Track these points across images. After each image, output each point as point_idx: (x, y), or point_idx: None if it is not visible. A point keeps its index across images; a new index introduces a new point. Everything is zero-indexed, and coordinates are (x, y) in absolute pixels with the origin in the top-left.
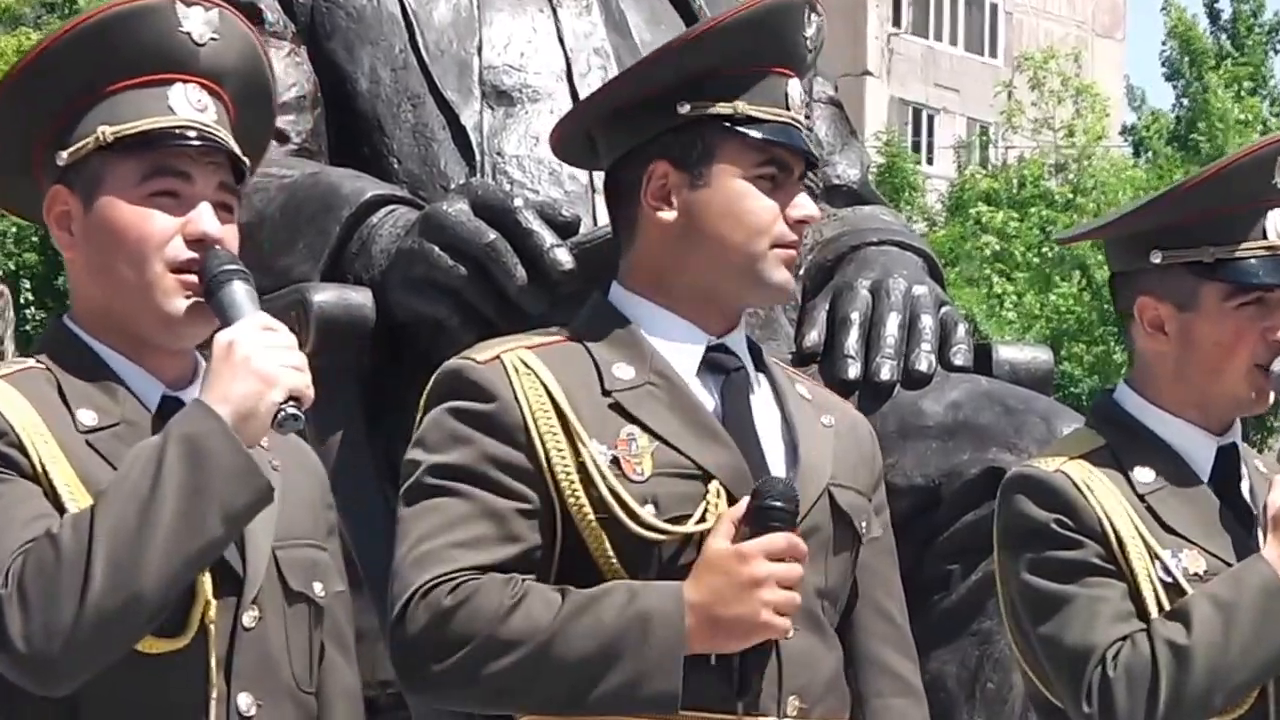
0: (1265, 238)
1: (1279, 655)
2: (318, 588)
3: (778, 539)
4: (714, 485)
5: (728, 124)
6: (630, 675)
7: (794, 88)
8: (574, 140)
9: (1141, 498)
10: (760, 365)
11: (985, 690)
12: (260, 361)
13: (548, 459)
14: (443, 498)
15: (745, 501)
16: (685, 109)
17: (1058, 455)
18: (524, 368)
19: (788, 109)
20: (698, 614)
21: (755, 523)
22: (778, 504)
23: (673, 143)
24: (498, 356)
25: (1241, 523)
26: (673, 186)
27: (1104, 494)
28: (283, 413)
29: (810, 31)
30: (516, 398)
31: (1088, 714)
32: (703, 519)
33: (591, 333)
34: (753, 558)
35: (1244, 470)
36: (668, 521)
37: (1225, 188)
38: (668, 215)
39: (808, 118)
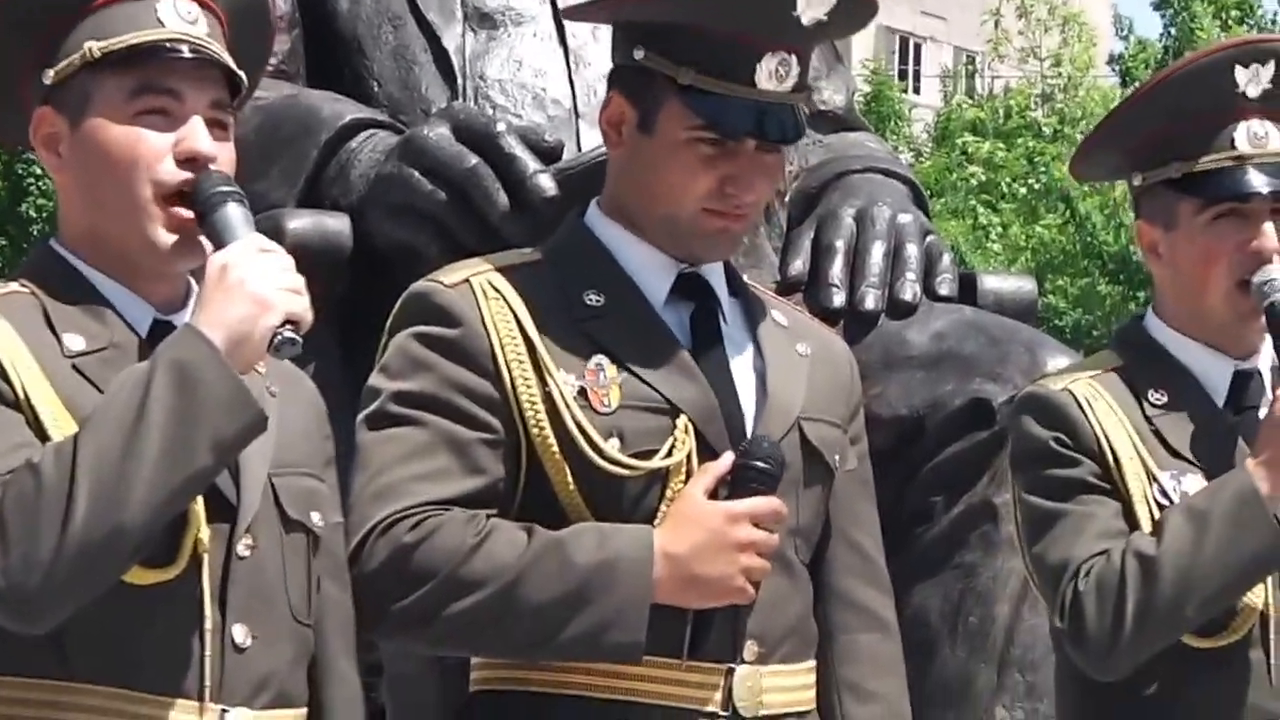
0: (1233, 148)
1: (1252, 564)
2: (315, 517)
3: (765, 504)
4: (682, 420)
5: (676, 84)
6: (594, 622)
7: (768, 63)
8: None
9: (1149, 419)
10: (736, 292)
11: (968, 624)
12: (256, 284)
13: (513, 387)
14: (404, 427)
15: (728, 457)
16: (639, 54)
17: (1071, 374)
18: (493, 291)
19: (752, 84)
20: (672, 566)
21: (736, 482)
22: (763, 466)
23: (630, 79)
24: (466, 280)
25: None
26: (624, 121)
27: (1105, 413)
28: (279, 337)
29: (807, 12)
30: (484, 323)
31: (1061, 628)
32: (669, 454)
33: (564, 256)
34: (741, 520)
35: (1269, 395)
36: (633, 456)
37: (1181, 98)
38: (616, 148)
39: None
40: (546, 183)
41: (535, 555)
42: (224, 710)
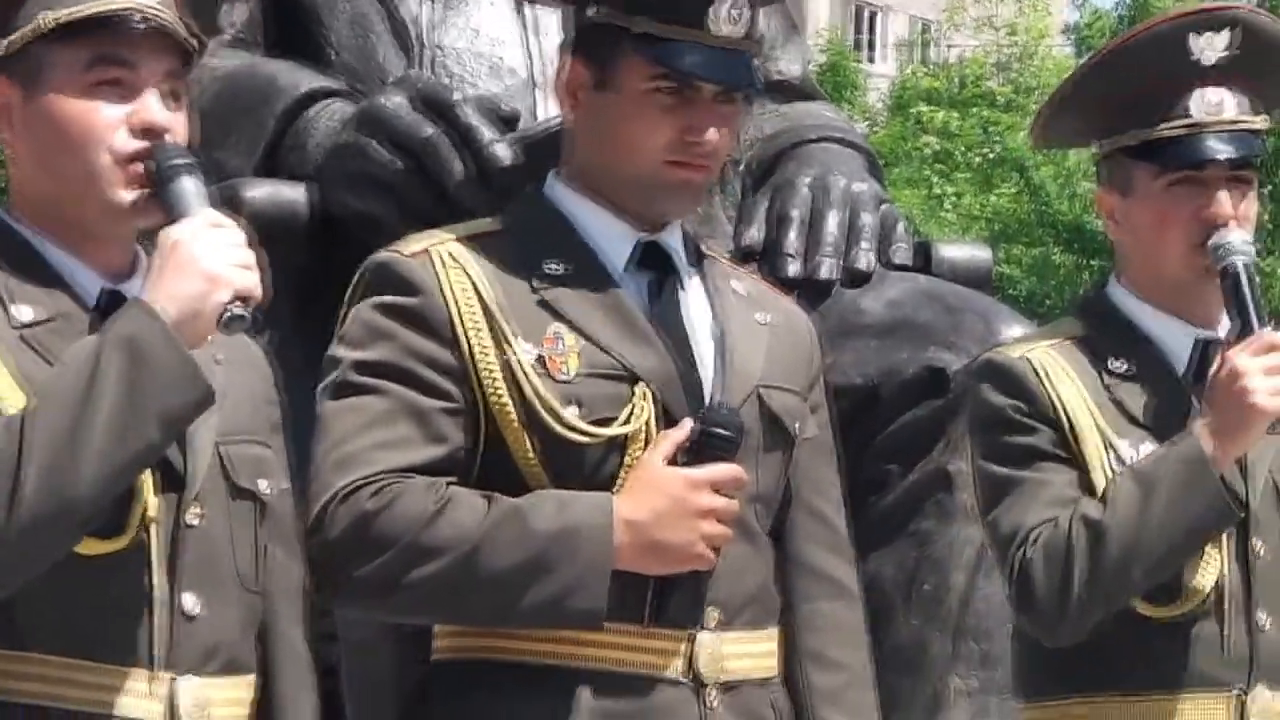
0: (1189, 116)
1: (1199, 527)
2: (263, 484)
3: (725, 470)
4: (641, 387)
5: (630, 35)
6: (556, 589)
7: (720, 7)
8: None
9: (1108, 387)
10: (696, 261)
11: (922, 591)
12: (207, 261)
13: (472, 356)
14: (365, 396)
15: (688, 424)
16: (592, 11)
17: (1029, 342)
18: (452, 261)
19: (705, 28)
20: (633, 532)
21: (696, 449)
22: (722, 432)
23: (586, 40)
24: (426, 249)
25: None
26: (581, 85)
27: (1062, 381)
28: (229, 313)
29: None
30: (443, 292)
31: (1010, 595)
32: (628, 421)
33: (524, 225)
34: (701, 487)
35: None
36: (592, 423)
37: (1136, 65)
38: (574, 112)
39: (750, 37)
40: (504, 151)
41: (495, 522)
42: (174, 678)
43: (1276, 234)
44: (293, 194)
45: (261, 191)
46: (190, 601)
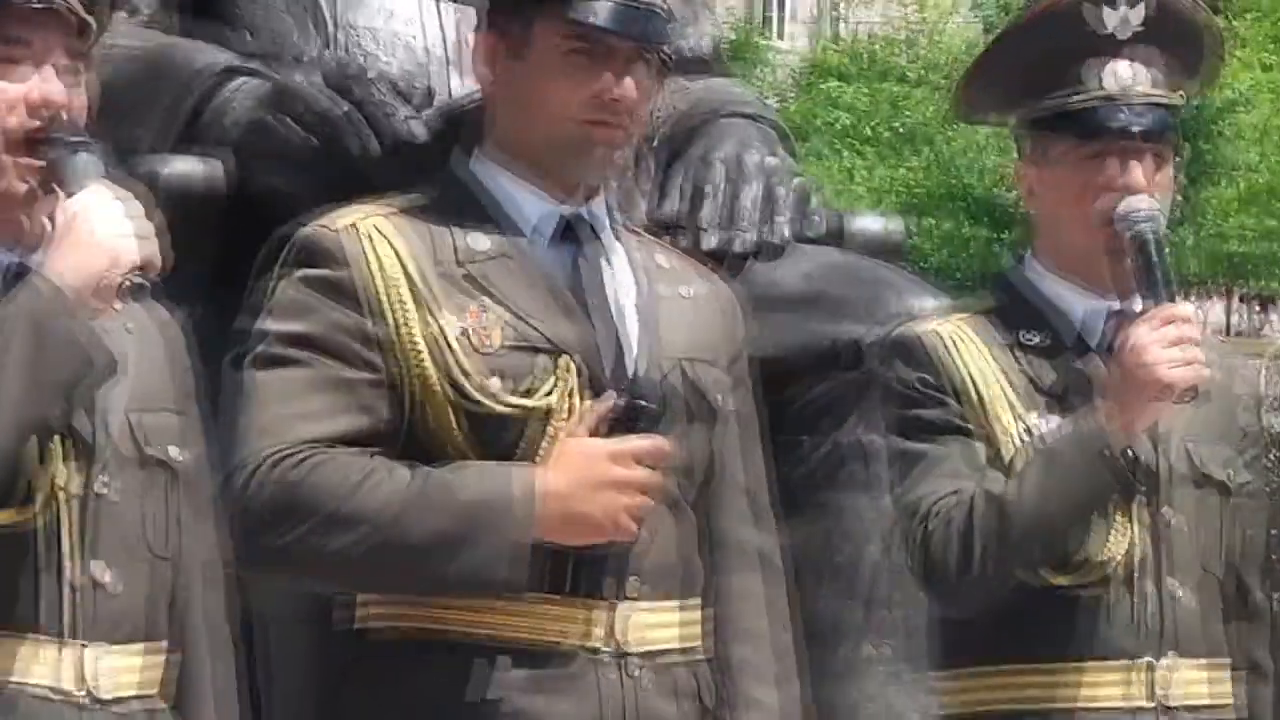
0: (1102, 87)
1: (1099, 499)
2: (174, 452)
3: (647, 442)
4: (564, 359)
5: (539, 1)
6: (476, 560)
7: None
8: None
9: (1019, 360)
10: (620, 235)
11: (836, 562)
12: (105, 231)
13: (396, 328)
14: (289, 367)
15: (611, 396)
16: None
17: (942, 316)
18: (378, 235)
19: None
20: (553, 503)
21: (619, 420)
22: (645, 404)
23: (497, 12)
24: (352, 223)
25: None
26: (496, 57)
27: (972, 355)
28: (129, 282)
29: None
30: (368, 265)
31: (912, 568)
32: (551, 392)
33: (449, 200)
34: (622, 458)
35: None
36: (516, 395)
37: (1049, 36)
38: (491, 85)
39: None
40: (417, 128)
41: (418, 491)
42: (84, 646)
43: (1186, 205)
44: (208, 170)
45: (177, 168)
46: (100, 570)
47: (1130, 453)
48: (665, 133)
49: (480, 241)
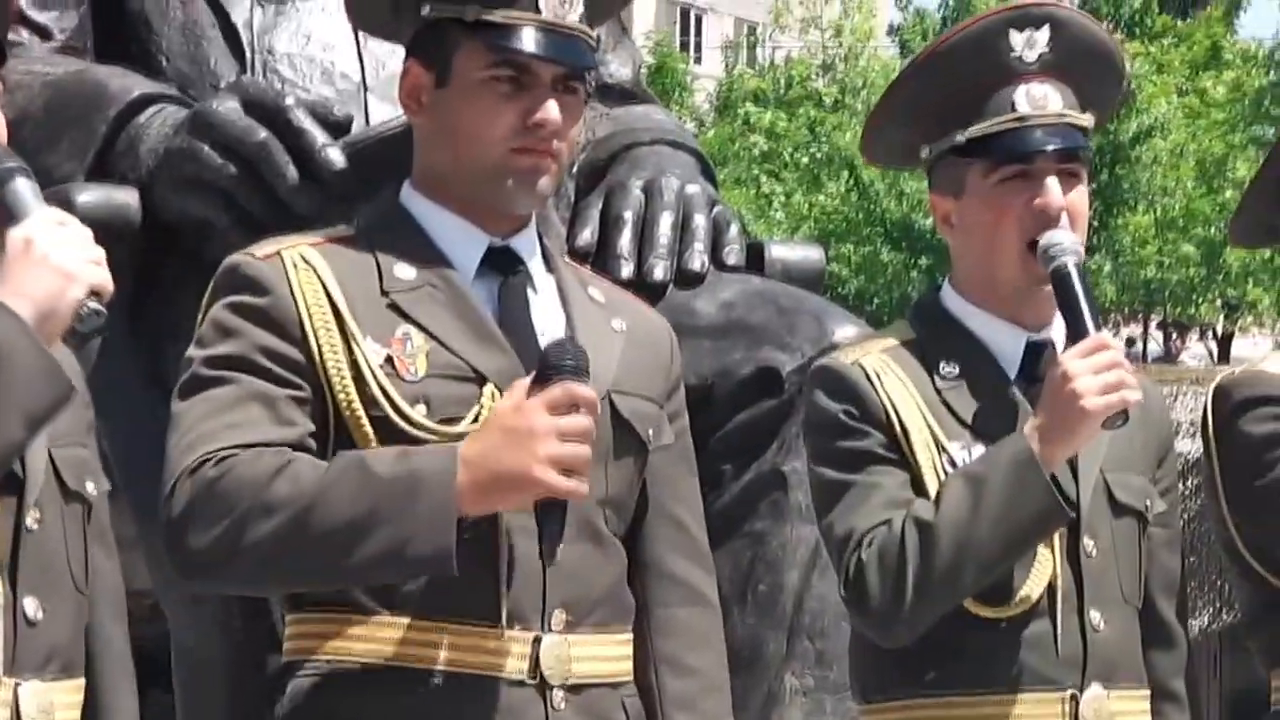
0: (1014, 110)
1: (1029, 528)
2: (90, 486)
3: (555, 390)
4: (489, 389)
5: (465, 26)
6: (397, 536)
7: None
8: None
9: (939, 391)
10: (552, 268)
11: (757, 591)
12: (59, 257)
13: (320, 355)
14: (214, 388)
15: (528, 378)
16: (426, 10)
17: (862, 346)
18: (303, 264)
19: (537, 11)
20: (470, 470)
21: (540, 383)
22: (565, 361)
23: (422, 42)
24: (278, 252)
25: None
26: (422, 87)
27: (894, 385)
28: (85, 308)
29: None
30: (292, 292)
31: (845, 598)
32: (475, 420)
33: (376, 231)
34: (530, 410)
35: None
36: (439, 422)
37: (960, 64)
38: (418, 116)
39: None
40: (335, 155)
41: (335, 475)
42: (18, 683)
43: (1102, 232)
44: (124, 198)
45: (92, 196)
46: (31, 606)
47: (1055, 482)
48: (585, 159)
49: (406, 271)
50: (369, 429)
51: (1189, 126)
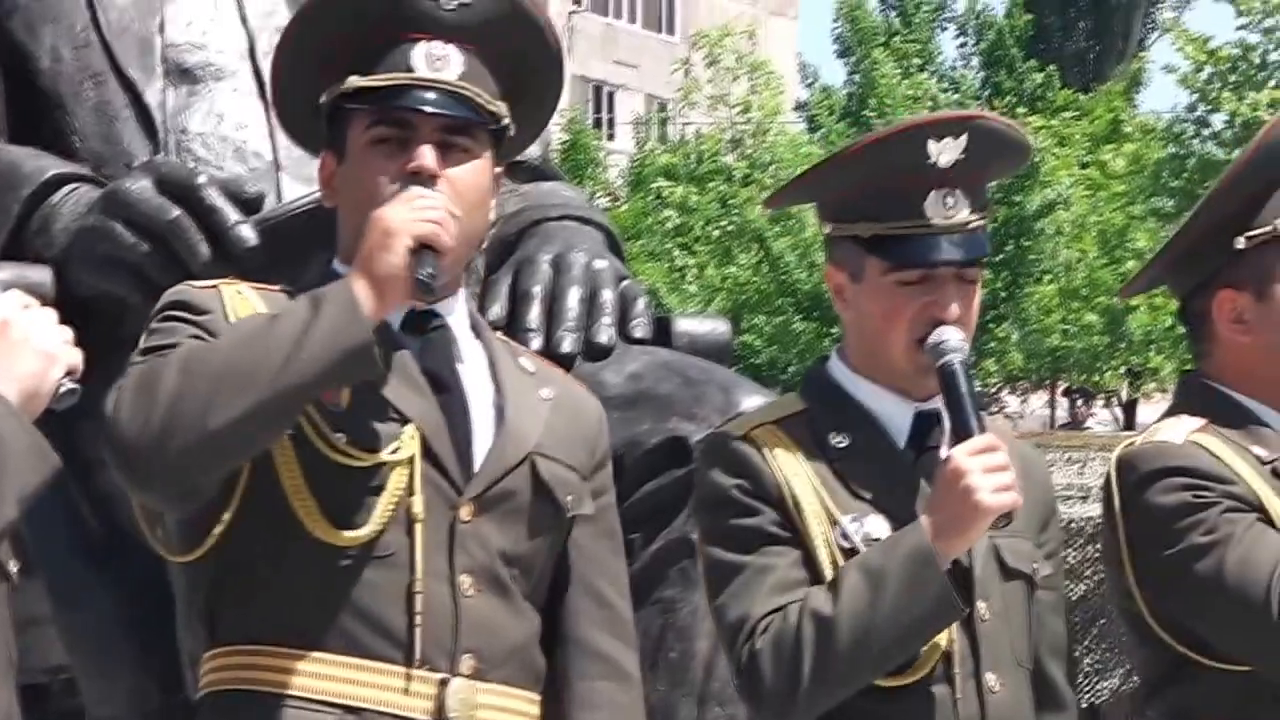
0: (923, 216)
1: (926, 621)
2: (13, 566)
3: (410, 191)
4: (410, 427)
5: (347, 99)
6: (325, 330)
7: (420, 51)
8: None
9: (831, 462)
10: (479, 335)
11: (668, 658)
12: (40, 339)
13: None
14: (159, 352)
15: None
16: (323, 99)
17: (753, 421)
18: (240, 295)
19: (409, 69)
20: (362, 278)
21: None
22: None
23: (329, 129)
24: (216, 285)
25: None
26: (331, 171)
27: (786, 459)
28: (63, 387)
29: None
30: (227, 316)
31: (739, 686)
32: (395, 452)
33: (304, 289)
34: (391, 206)
35: (949, 437)
36: (358, 450)
37: (875, 165)
38: (332, 200)
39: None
40: (247, 232)
41: (245, 331)
42: None
43: (1009, 302)
44: (38, 276)
45: (7, 274)
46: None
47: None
48: (495, 235)
49: None
50: (290, 448)
51: (1090, 199)
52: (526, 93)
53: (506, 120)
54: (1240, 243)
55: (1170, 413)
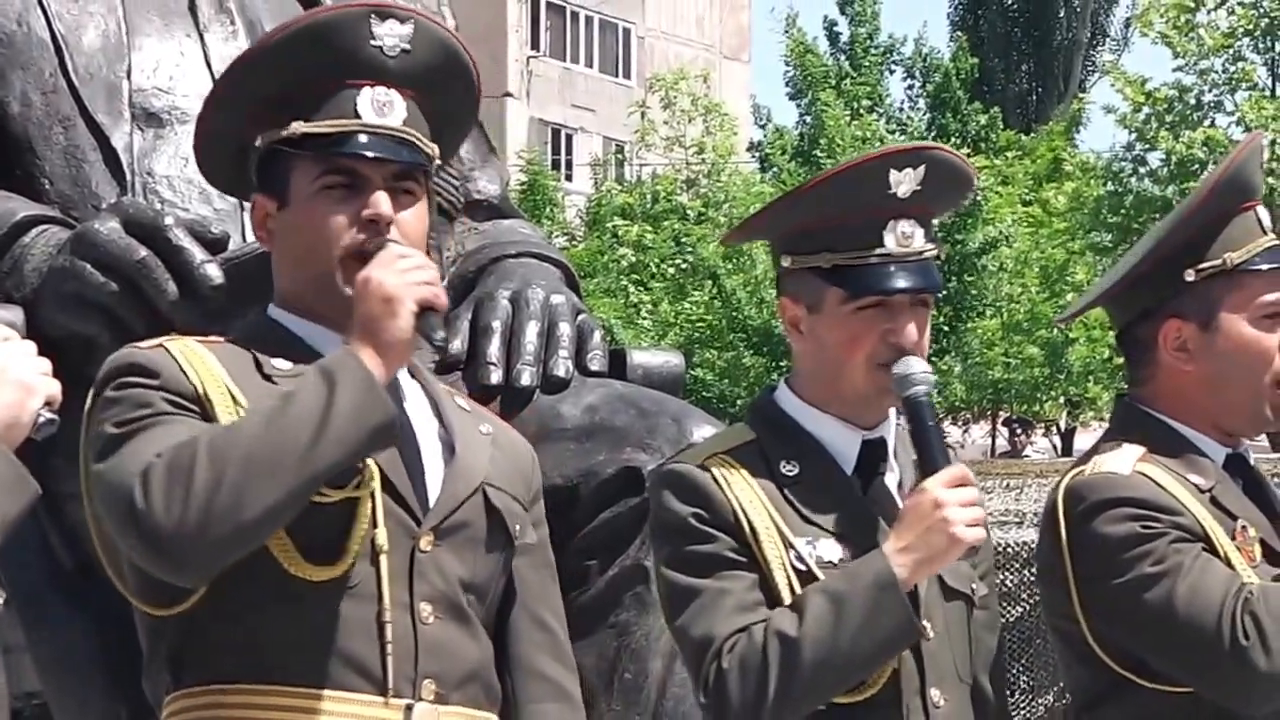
0: (882, 245)
1: (888, 646)
2: (0, 595)
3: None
4: (370, 463)
5: (291, 147)
6: (347, 401)
7: (365, 97)
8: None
9: (782, 489)
10: (415, 377)
11: (623, 680)
12: (18, 371)
13: (213, 408)
14: (132, 430)
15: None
16: (259, 142)
17: (706, 450)
18: (189, 350)
19: (356, 115)
20: (362, 344)
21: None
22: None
23: (263, 175)
24: (161, 344)
25: (884, 513)
26: (268, 214)
27: (741, 487)
28: (42, 417)
29: (387, 39)
30: (183, 370)
31: (704, 705)
32: (358, 487)
33: (253, 339)
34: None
35: (894, 463)
36: (328, 487)
37: (838, 196)
38: (268, 243)
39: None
40: (213, 272)
41: (256, 410)
42: None
43: (951, 336)
44: (8, 316)
45: None
46: None
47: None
48: (455, 272)
49: (281, 363)
50: None
51: (1032, 235)
52: (444, 132)
53: (439, 162)
54: (1190, 275)
55: (1107, 437)
